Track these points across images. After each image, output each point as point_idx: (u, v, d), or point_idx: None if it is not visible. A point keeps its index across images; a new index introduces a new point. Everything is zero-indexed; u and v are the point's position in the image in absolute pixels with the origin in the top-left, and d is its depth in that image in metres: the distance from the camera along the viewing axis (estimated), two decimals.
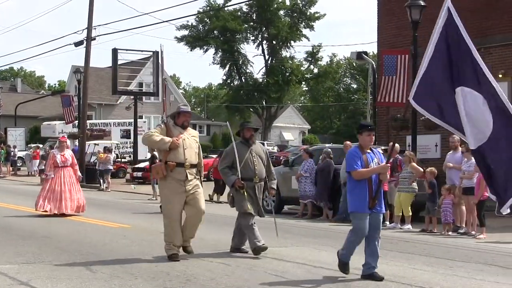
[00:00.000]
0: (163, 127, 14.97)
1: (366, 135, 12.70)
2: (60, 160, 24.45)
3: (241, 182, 15.15)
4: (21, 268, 13.15)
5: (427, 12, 27.85)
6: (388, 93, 29.96)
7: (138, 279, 12.07)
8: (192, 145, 14.70)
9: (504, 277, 13.51)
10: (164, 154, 14.49)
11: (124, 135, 60.41)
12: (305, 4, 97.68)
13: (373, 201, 12.24)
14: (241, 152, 15.45)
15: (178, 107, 15.66)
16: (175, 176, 14.33)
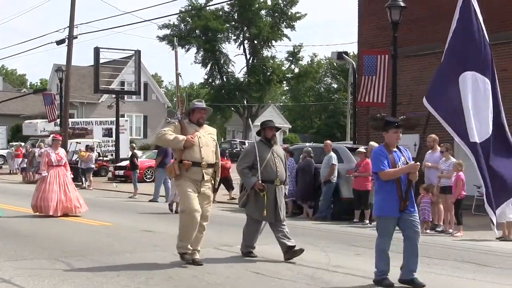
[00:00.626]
0: (177, 125, 13.89)
1: (393, 132, 12.13)
2: (55, 159, 23.74)
3: (262, 184, 14.26)
4: (3, 266, 13.16)
5: (407, 13, 28.07)
6: (368, 93, 30.11)
7: (120, 276, 12.11)
8: (208, 143, 13.77)
9: (480, 274, 13.63)
10: (179, 153, 13.53)
11: (106, 134, 60.27)
12: (286, 4, 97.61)
13: (404, 202, 11.61)
14: (263, 152, 14.61)
15: (192, 103, 14.70)
16: (190, 176, 13.43)
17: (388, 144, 12.04)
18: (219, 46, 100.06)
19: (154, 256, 14.87)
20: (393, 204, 11.52)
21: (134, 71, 54.14)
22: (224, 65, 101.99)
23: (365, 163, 24.47)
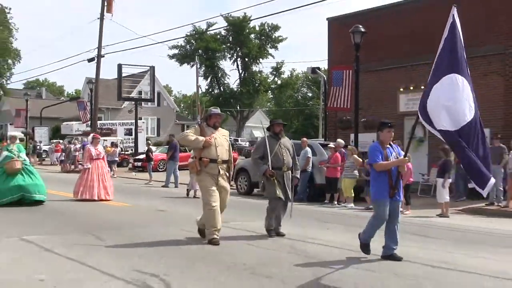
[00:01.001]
0: (197, 128, 13.68)
1: (387, 132, 11.89)
2: (95, 153, 23.70)
3: (272, 171, 14.26)
4: (45, 238, 13.15)
5: (366, 37, 28.12)
6: (336, 100, 30.11)
7: (139, 247, 12.09)
8: (223, 143, 13.59)
9: (424, 244, 13.68)
10: (198, 151, 13.37)
11: (127, 133, 60.09)
12: (270, 30, 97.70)
13: (393, 190, 11.58)
14: (272, 144, 14.59)
15: (209, 110, 14.30)
16: (209, 171, 13.15)
17: (382, 141, 11.90)
18: (217, 62, 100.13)
19: (166, 230, 14.83)
20: (385, 190, 11.52)
21: (150, 83, 53.96)
22: (221, 78, 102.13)
23: (334, 156, 24.57)
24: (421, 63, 29.70)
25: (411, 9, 31.04)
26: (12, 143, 21.45)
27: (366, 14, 33.05)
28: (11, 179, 19.97)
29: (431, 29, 29.35)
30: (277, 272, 9.94)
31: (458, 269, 10.52)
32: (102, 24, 49.83)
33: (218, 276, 9.51)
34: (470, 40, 27.85)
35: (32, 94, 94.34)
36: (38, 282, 8.96)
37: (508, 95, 26.69)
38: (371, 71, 31.67)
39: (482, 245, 13.93)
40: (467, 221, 19.56)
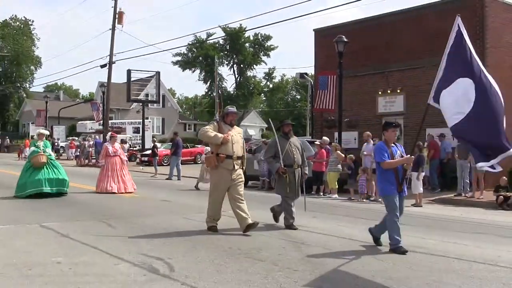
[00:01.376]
0: (215, 125, 13.13)
1: (392, 131, 11.38)
2: (112, 151, 23.21)
3: (284, 168, 13.71)
4: (63, 225, 13.15)
5: (349, 46, 28.19)
6: (322, 102, 30.14)
7: (145, 233, 12.09)
8: (239, 140, 13.10)
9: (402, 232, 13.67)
10: (215, 147, 12.81)
11: (135, 131, 60.10)
12: (263, 39, 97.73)
13: (400, 186, 11.02)
14: (282, 144, 14.01)
15: (226, 109, 13.78)
16: (224, 166, 12.65)
17: (387, 140, 11.36)
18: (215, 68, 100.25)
19: (169, 218, 14.83)
20: (393, 186, 10.94)
21: (155, 86, 53.95)
22: (220, 82, 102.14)
23: (320, 152, 24.61)
24: (397, 70, 29.87)
25: (388, 22, 31.06)
26: (39, 139, 20.72)
27: (348, 26, 33.05)
28: (37, 173, 19.61)
29: (404, 39, 29.57)
30: (269, 255, 9.93)
31: (430, 253, 10.53)
32: (114, 34, 49.89)
33: (216, 259, 9.50)
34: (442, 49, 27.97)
35: (51, 96, 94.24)
36: (56, 264, 8.94)
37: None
38: (353, 76, 31.65)
39: (451, 231, 13.95)
40: (438, 210, 19.62)
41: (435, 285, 8.14)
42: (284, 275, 8.49)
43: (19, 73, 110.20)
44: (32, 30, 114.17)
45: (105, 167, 22.97)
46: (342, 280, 8.31)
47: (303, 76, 51.52)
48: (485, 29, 26.42)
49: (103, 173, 22.84)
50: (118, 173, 22.95)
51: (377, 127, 30.22)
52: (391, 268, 9.19)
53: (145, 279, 8.13)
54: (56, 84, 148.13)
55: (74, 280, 7.98)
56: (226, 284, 7.88)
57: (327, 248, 10.87)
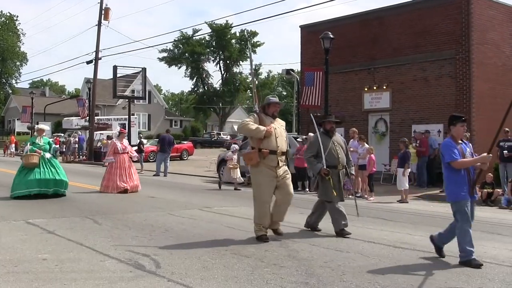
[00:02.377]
0: (256, 117, 11.74)
1: (460, 126, 10.04)
2: (121, 148, 21.84)
3: (327, 170, 12.16)
4: (49, 221, 13.11)
5: (335, 43, 28.25)
6: (308, 98, 30.20)
7: (131, 229, 12.08)
8: (282, 134, 11.66)
9: (386, 226, 13.72)
10: (257, 142, 11.42)
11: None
12: (250, 35, 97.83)
13: (472, 188, 9.74)
14: (325, 142, 12.51)
15: (267, 99, 12.21)
16: (267, 163, 11.32)
17: (455, 136, 9.98)
18: (202, 65, 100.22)
19: (155, 214, 14.78)
20: (465, 189, 9.63)
21: (141, 83, 53.71)
22: (206, 78, 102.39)
23: (303, 148, 24.62)
24: (383, 66, 29.97)
25: (373, 19, 31.16)
26: (39, 135, 19.29)
27: (334, 22, 33.10)
28: (31, 173, 18.29)
29: (390, 36, 29.65)
30: (256, 251, 9.94)
31: (417, 249, 10.56)
32: (100, 30, 49.74)
33: (202, 255, 9.49)
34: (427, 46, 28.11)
35: (37, 92, 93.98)
36: (42, 261, 8.92)
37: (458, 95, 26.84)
38: (339, 72, 31.76)
39: (437, 227, 13.90)
40: (424, 206, 19.72)
41: (421, 280, 8.17)
42: (271, 271, 8.50)
43: (5, 69, 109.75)
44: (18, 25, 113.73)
45: (113, 164, 21.65)
46: (328, 275, 8.33)
47: (289, 72, 51.51)
48: (471, 26, 26.55)
49: (111, 171, 21.51)
50: (127, 171, 21.77)
51: (363, 123, 30.45)
52: (377, 264, 9.21)
53: (131, 275, 8.12)
54: (42, 80, 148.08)
55: (60, 276, 7.96)
56: (213, 280, 7.88)
57: (313, 244, 10.87)
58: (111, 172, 21.46)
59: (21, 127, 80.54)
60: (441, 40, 27.58)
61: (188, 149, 52.57)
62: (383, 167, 27.63)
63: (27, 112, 69.30)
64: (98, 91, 54.43)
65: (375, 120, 30.76)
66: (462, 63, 26.76)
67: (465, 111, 26.20)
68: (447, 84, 27.21)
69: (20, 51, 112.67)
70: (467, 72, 26.53)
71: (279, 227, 12.01)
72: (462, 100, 26.55)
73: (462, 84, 26.65)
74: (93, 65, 49.96)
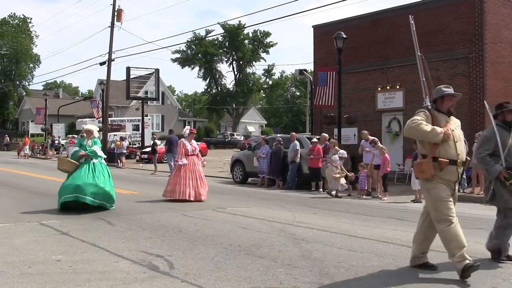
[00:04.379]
0: (427, 114, 8.77)
1: None
2: (190, 149, 19.37)
3: (508, 172, 9.34)
4: (63, 222, 13.12)
5: (347, 42, 28.22)
6: (321, 98, 30.12)
7: (145, 230, 12.08)
8: (461, 138, 8.80)
9: (400, 226, 13.66)
10: (431, 148, 8.56)
11: (135, 128, 60.27)
12: (262, 36, 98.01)
13: None
14: (503, 137, 9.63)
15: (439, 90, 9.20)
16: (443, 176, 8.56)
17: None
18: (215, 65, 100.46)
19: (168, 215, 14.78)
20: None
21: (155, 84, 54.05)
22: (219, 79, 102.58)
23: (317, 148, 24.60)
24: (396, 66, 29.88)
25: (386, 18, 31.10)
26: (88, 137, 16.72)
27: (347, 22, 33.06)
28: (71, 177, 15.70)
29: (402, 35, 29.53)
30: (269, 252, 9.93)
31: (431, 249, 10.49)
32: (113, 32, 49.81)
33: (216, 256, 9.49)
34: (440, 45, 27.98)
35: (51, 94, 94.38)
36: (55, 262, 8.93)
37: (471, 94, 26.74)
38: (352, 72, 31.71)
39: None
40: None
41: (435, 280, 8.13)
42: (284, 271, 8.49)
43: (18, 71, 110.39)
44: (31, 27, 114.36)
45: (181, 167, 19.19)
46: (342, 275, 8.30)
47: (302, 72, 51.59)
48: (484, 25, 26.44)
49: (179, 175, 19.06)
50: (197, 174, 19.19)
51: (377, 123, 30.37)
52: (391, 264, 9.18)
53: (145, 276, 8.13)
54: (55, 82, 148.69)
55: (74, 278, 7.97)
56: (226, 281, 7.87)
57: (327, 244, 10.85)
58: (179, 175, 19.02)
59: (35, 129, 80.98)
60: (454, 39, 27.50)
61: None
62: (397, 167, 27.56)
63: (40, 114, 69.63)
64: (111, 93, 54.59)
65: (388, 120, 30.69)
66: (475, 62, 26.67)
67: (478, 111, 26.13)
68: (461, 83, 27.09)
69: (33, 53, 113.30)
70: (480, 71, 26.44)
71: (427, 260, 9.21)
72: (476, 100, 26.44)
73: (476, 83, 26.56)
74: (106, 66, 50.05)
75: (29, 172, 33.30)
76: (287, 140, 26.75)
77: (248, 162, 28.84)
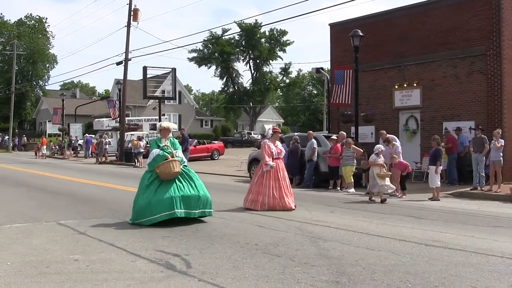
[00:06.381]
0: None
1: None
2: (276, 152, 16.72)
3: None
4: (80, 222, 13.19)
5: (364, 40, 28.19)
6: (338, 96, 30.04)
7: (162, 230, 12.06)
8: None
9: (417, 224, 13.62)
10: None
11: (152, 128, 60.38)
12: (279, 34, 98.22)
13: None
14: None
15: None
16: None
17: None
18: (231, 64, 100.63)
19: None
20: None
21: (171, 83, 54.06)
22: (236, 78, 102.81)
23: (336, 147, 24.61)
24: (413, 63, 29.82)
25: (402, 16, 31.01)
26: (164, 136, 14.22)
27: (364, 20, 32.98)
28: (166, 188, 13.03)
29: (419, 33, 29.45)
30: (286, 251, 9.93)
31: (449, 247, 10.47)
32: (129, 31, 50.02)
33: (233, 255, 9.50)
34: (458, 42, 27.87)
35: (68, 94, 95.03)
36: (73, 262, 8.98)
37: (489, 91, 26.62)
38: (368, 70, 31.67)
39: (469, 225, 13.88)
40: (455, 203, 19.54)
41: (453, 279, 8.10)
42: (301, 270, 8.49)
43: (35, 72, 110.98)
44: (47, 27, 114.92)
45: (264, 174, 16.61)
46: (359, 274, 8.29)
47: (319, 71, 51.60)
48: (502, 22, 26.29)
49: (262, 182, 16.55)
50: (282, 182, 16.58)
51: (394, 121, 30.31)
52: (408, 262, 9.16)
53: (162, 275, 8.15)
54: (72, 82, 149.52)
55: (91, 277, 8.01)
56: (243, 280, 7.88)
57: (344, 243, 10.84)
58: (262, 183, 16.50)
59: (52, 129, 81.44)
60: (471, 36, 27.37)
61: (219, 149, 52.67)
62: (414, 164, 27.49)
63: (58, 114, 69.93)
64: (128, 92, 54.72)
65: (405, 118, 30.60)
66: (493, 59, 26.53)
67: (496, 108, 26.01)
68: (478, 81, 27.00)
69: (50, 53, 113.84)
70: (498, 68, 26.31)
71: None
72: (493, 97, 26.32)
73: (493, 80, 26.43)
74: (123, 66, 50.25)
75: (47, 172, 33.45)
76: (304, 139, 26.76)
77: None
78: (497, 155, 22.22)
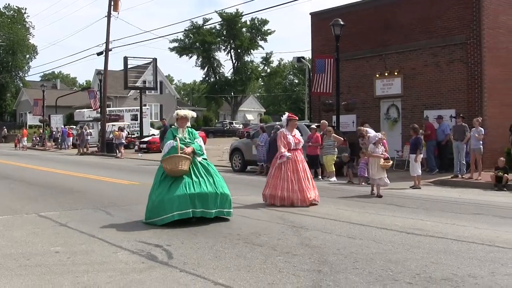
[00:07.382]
0: None
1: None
2: (293, 142, 15.39)
3: None
4: (61, 214, 13.14)
5: (345, 29, 28.27)
6: (319, 85, 30.08)
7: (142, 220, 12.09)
8: None
9: (399, 212, 13.68)
10: None
11: (133, 118, 60.32)
12: (260, 24, 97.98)
13: None
14: None
15: None
16: None
17: None
18: (213, 54, 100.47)
19: None
20: None
21: (153, 73, 53.96)
22: (217, 67, 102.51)
23: (315, 136, 24.60)
24: (394, 52, 29.85)
25: (384, 5, 31.01)
26: (181, 126, 12.49)
27: (345, 9, 32.99)
28: (180, 184, 11.64)
29: (401, 22, 29.50)
30: (268, 240, 9.94)
31: (430, 235, 10.52)
32: (109, 22, 49.83)
33: (215, 245, 9.50)
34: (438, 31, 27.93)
35: (48, 85, 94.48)
36: (54, 254, 8.94)
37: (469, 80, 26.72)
38: (350, 59, 31.71)
39: (450, 213, 13.95)
40: (436, 191, 19.66)
41: (434, 266, 8.13)
42: (283, 259, 8.49)
43: (15, 63, 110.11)
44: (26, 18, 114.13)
45: (282, 166, 15.35)
46: (341, 263, 8.31)
47: (300, 60, 51.68)
48: (482, 11, 26.36)
49: (279, 176, 15.31)
50: (302, 174, 15.37)
51: (375, 110, 30.38)
52: (390, 251, 9.19)
53: (143, 266, 8.13)
54: (53, 73, 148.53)
55: (72, 269, 7.98)
56: (225, 270, 7.88)
57: (326, 231, 10.86)
58: (279, 176, 15.29)
59: (33, 120, 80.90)
60: (452, 25, 27.43)
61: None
62: (396, 153, 27.57)
63: (38, 105, 69.58)
64: (109, 83, 54.58)
65: (387, 107, 30.67)
66: (473, 48, 26.61)
67: (476, 96, 26.13)
68: (459, 69, 27.08)
69: (30, 44, 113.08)
70: (478, 57, 26.39)
71: None
72: (474, 85, 26.42)
73: (474, 69, 26.51)
74: (104, 56, 50.07)
75: (27, 164, 33.30)
76: None
77: (247, 150, 28.83)
78: (477, 143, 22.37)
